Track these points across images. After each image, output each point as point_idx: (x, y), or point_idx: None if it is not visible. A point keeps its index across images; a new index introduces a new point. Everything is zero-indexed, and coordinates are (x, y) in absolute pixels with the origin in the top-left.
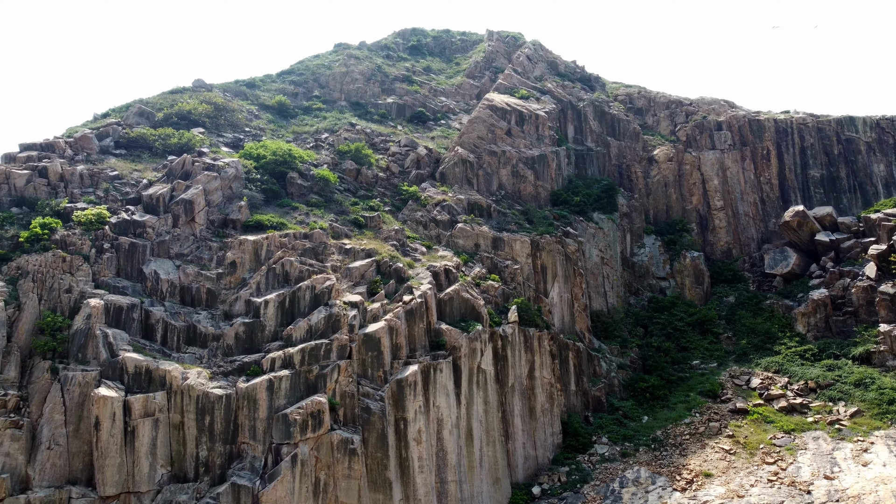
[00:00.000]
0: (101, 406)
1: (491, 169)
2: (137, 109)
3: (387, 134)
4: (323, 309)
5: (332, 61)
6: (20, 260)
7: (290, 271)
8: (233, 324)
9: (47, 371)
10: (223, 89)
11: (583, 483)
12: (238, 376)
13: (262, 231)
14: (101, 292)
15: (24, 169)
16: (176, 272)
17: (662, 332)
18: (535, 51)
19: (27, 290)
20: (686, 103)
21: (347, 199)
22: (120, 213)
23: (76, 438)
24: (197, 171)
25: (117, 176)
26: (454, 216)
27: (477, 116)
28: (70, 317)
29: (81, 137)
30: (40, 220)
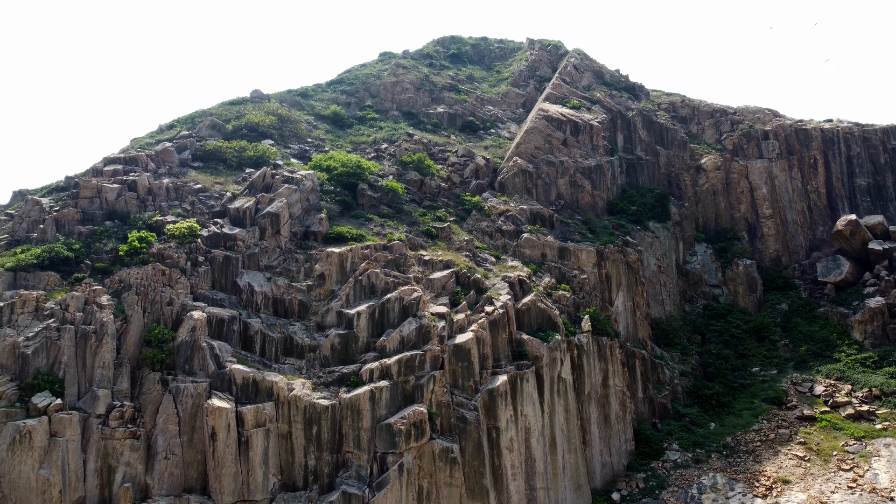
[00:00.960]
0: (217, 417)
1: (549, 179)
2: (210, 122)
3: (442, 144)
4: (413, 320)
5: (381, 71)
6: (121, 273)
7: (376, 283)
8: (328, 335)
9: (158, 382)
10: (279, 99)
11: (660, 489)
12: (338, 387)
13: (343, 243)
14: (201, 304)
15: (114, 183)
16: (267, 284)
17: (720, 339)
18: (580, 60)
19: (132, 303)
20: (730, 112)
21: (416, 210)
22: (209, 226)
23: (190, 448)
24: (277, 185)
25: (201, 189)
26: (518, 226)
27: (533, 127)
28: (173, 329)
29: (163, 151)
30: (136, 233)
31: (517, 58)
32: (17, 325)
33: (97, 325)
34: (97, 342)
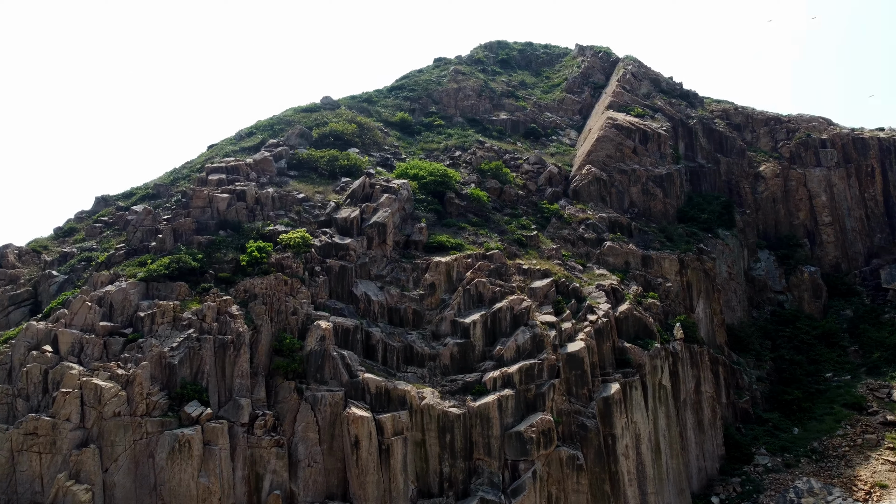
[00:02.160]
0: (359, 426)
1: (622, 187)
2: (298, 131)
3: (511, 151)
4: (526, 329)
5: (440, 77)
6: (246, 283)
7: (484, 292)
8: (446, 344)
9: (293, 391)
10: (346, 106)
11: (757, 493)
12: (463, 395)
13: (444, 252)
14: (324, 314)
15: (223, 193)
16: (381, 293)
17: (790, 345)
18: (637, 67)
19: (260, 313)
20: (785, 120)
21: (501, 218)
22: (319, 235)
23: (330, 456)
24: (377, 194)
25: (305, 198)
26: (599, 234)
27: (604, 135)
28: (299, 338)
29: (262, 160)
30: (253, 243)
31: (565, 63)
32: (159, 336)
33: (233, 335)
34: (235, 352)
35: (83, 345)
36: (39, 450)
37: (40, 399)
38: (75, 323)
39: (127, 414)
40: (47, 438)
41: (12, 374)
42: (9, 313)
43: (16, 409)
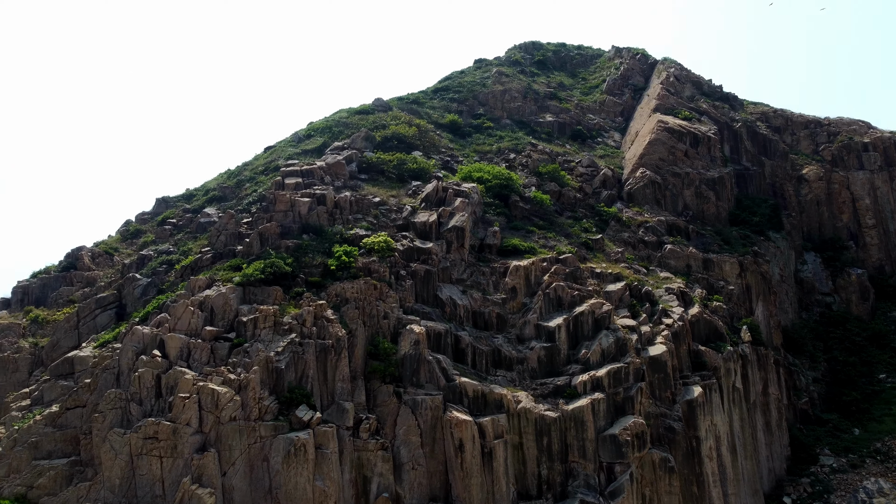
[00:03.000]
0: (463, 429)
1: (676, 190)
2: (364, 134)
3: (562, 153)
4: (609, 333)
5: (483, 78)
6: (336, 287)
7: (563, 296)
8: (533, 348)
9: (392, 395)
10: (397, 108)
11: (827, 493)
12: (554, 398)
13: (518, 255)
14: (414, 318)
15: (303, 197)
16: (465, 297)
17: (841, 346)
18: (679, 70)
19: (353, 317)
20: (825, 123)
21: (565, 222)
22: (400, 239)
23: (432, 459)
24: (450, 198)
25: (381, 202)
26: (659, 237)
27: (656, 138)
28: (392, 342)
29: (335, 164)
30: (340, 247)
31: (600, 65)
32: (262, 340)
33: (333, 340)
34: (336, 356)
35: (190, 349)
36: (160, 454)
37: (153, 403)
38: (179, 328)
39: (242, 418)
40: (168, 443)
41: (120, 379)
42: (95, 316)
43: (130, 414)
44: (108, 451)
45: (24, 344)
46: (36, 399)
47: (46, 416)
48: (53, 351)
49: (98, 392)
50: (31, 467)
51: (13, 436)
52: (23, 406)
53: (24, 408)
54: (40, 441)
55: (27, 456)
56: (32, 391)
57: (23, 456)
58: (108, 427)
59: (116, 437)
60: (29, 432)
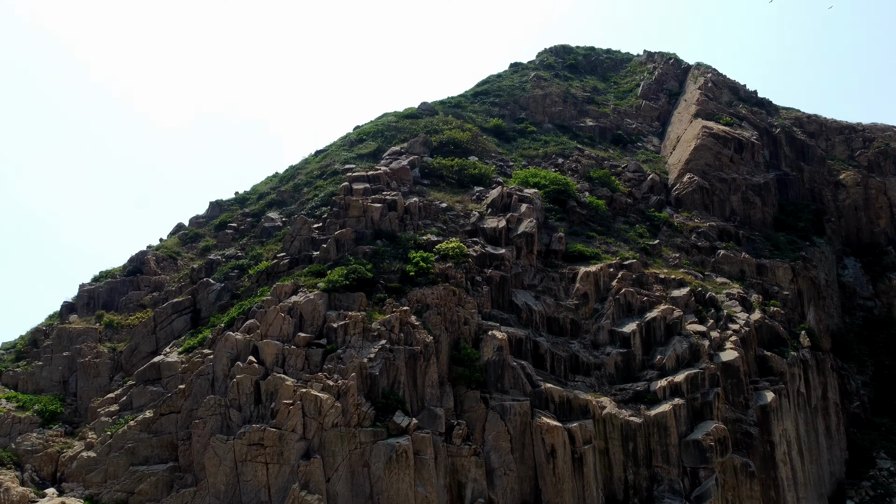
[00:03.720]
0: (555, 435)
1: (723, 195)
2: (422, 139)
3: (607, 158)
4: (682, 339)
5: (521, 82)
6: (416, 293)
7: (633, 302)
8: (609, 353)
9: (479, 400)
10: (442, 112)
11: (889, 497)
12: (635, 403)
13: (583, 261)
14: (493, 324)
15: (375, 202)
16: (538, 303)
17: (887, 350)
18: (715, 75)
19: (436, 323)
20: (859, 129)
21: (621, 227)
22: (471, 245)
23: (522, 464)
24: (515, 204)
25: (448, 208)
26: (711, 242)
27: (702, 144)
28: (473, 347)
29: (400, 169)
30: (415, 253)
31: (631, 69)
32: (352, 347)
33: (421, 346)
34: (425, 362)
35: (285, 356)
36: (266, 460)
37: (252, 410)
38: (271, 334)
39: (343, 424)
40: (274, 449)
41: (215, 385)
42: (172, 321)
43: (230, 420)
44: (211, 458)
45: (103, 349)
46: (124, 404)
47: (140, 421)
48: (133, 356)
49: (193, 398)
50: (130, 473)
51: (107, 441)
52: (111, 411)
53: (113, 413)
54: (136, 447)
55: (124, 462)
56: (119, 396)
57: (120, 462)
58: (208, 433)
59: (219, 444)
60: (124, 438)
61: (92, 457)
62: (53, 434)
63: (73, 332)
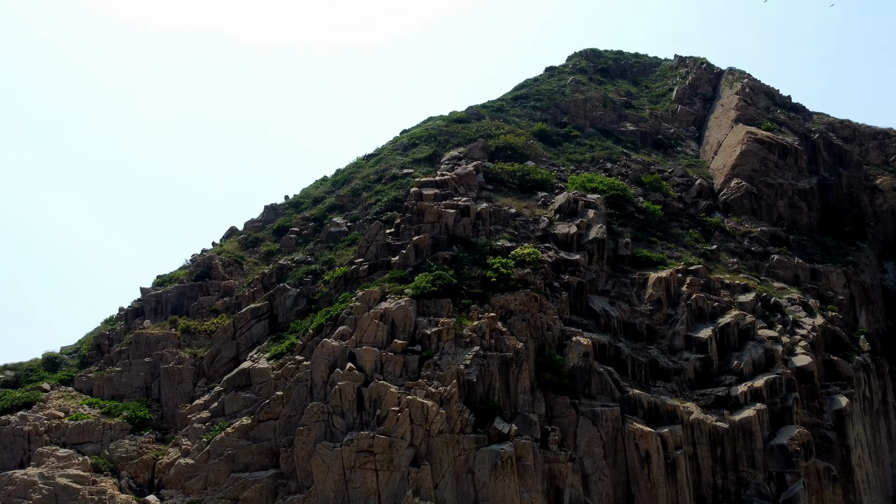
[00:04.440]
0: (649, 441)
1: (770, 200)
2: (482, 144)
3: (652, 163)
4: (757, 344)
5: (560, 86)
6: (500, 299)
7: (704, 308)
8: (688, 359)
9: (570, 406)
10: (488, 116)
11: None
12: (718, 409)
13: (650, 266)
14: (576, 330)
15: (448, 208)
16: (614, 309)
17: None
18: (752, 81)
19: (521, 329)
20: (892, 134)
21: (679, 232)
22: (544, 251)
23: (614, 469)
24: (581, 209)
25: (516, 213)
26: (764, 247)
27: (748, 149)
28: (557, 353)
29: (466, 175)
30: (493, 259)
31: (661, 73)
32: (446, 353)
33: (512, 352)
34: (517, 368)
35: (383, 362)
36: (375, 467)
37: (355, 416)
38: (366, 340)
39: (447, 431)
40: (384, 456)
41: (314, 391)
42: (251, 326)
43: (333, 427)
44: (319, 465)
45: (185, 354)
46: (215, 411)
47: (238, 428)
48: (214, 361)
49: (291, 404)
50: (232, 480)
51: (205, 448)
52: (203, 418)
53: (204, 419)
54: (236, 453)
55: (225, 468)
56: (208, 402)
57: (220, 469)
58: (313, 440)
59: (326, 451)
60: (222, 444)
61: (190, 463)
62: (145, 440)
63: (152, 338)
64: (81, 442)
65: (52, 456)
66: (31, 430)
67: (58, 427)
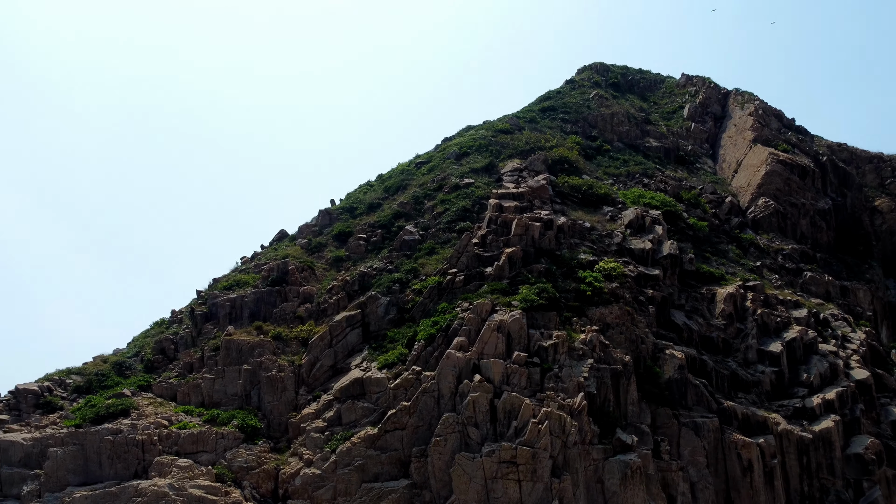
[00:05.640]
0: (751, 451)
1: (794, 219)
2: (541, 157)
3: (681, 178)
4: (821, 358)
5: (585, 100)
6: (597, 312)
7: (768, 322)
8: (764, 372)
9: (672, 417)
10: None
11: None
12: (797, 419)
13: (713, 282)
14: (666, 343)
15: (533, 221)
16: (693, 322)
17: None
18: (761, 103)
19: (620, 342)
20: (887, 159)
21: (725, 248)
22: (626, 266)
23: (716, 478)
24: (650, 224)
25: (591, 228)
26: (797, 264)
27: (772, 170)
28: (653, 365)
29: (540, 188)
30: (584, 272)
31: (666, 90)
32: (565, 365)
33: (620, 364)
34: (626, 380)
35: (509, 374)
36: (518, 477)
37: (488, 427)
38: (486, 352)
39: (579, 442)
40: (527, 467)
41: (441, 402)
42: (346, 335)
43: (468, 438)
44: (460, 475)
45: (283, 362)
46: (331, 420)
47: (364, 438)
48: (313, 369)
49: (418, 415)
50: (365, 490)
51: (330, 458)
52: (319, 427)
53: (321, 429)
54: (365, 463)
55: (356, 478)
56: (319, 411)
57: (351, 478)
58: (449, 451)
59: (466, 462)
60: (350, 454)
61: (317, 473)
62: (261, 450)
63: (244, 345)
64: (195, 451)
65: (173, 466)
66: (144, 440)
67: (168, 436)
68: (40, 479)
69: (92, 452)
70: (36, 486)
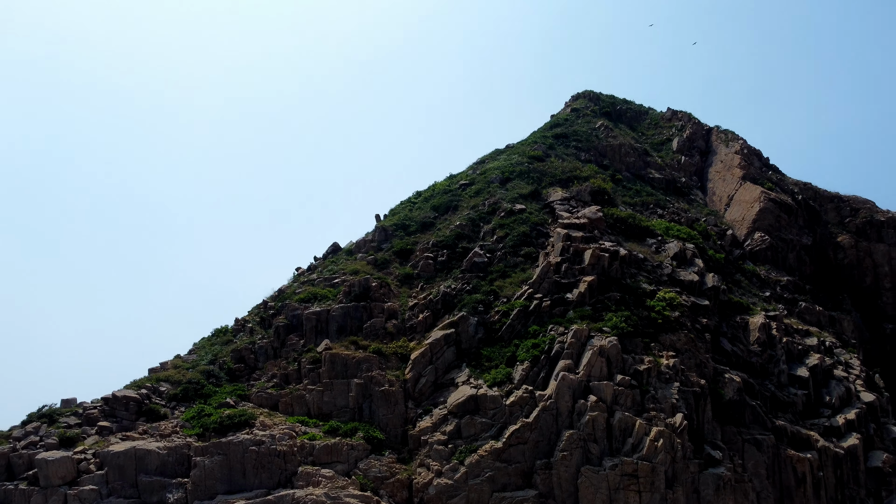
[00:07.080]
0: (803, 465)
1: (783, 253)
2: (587, 188)
3: (685, 210)
4: (838, 382)
5: (593, 129)
6: (667, 339)
7: (792, 349)
8: (796, 394)
9: (736, 434)
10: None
11: None
12: (828, 437)
13: (742, 310)
14: (723, 368)
15: (602, 251)
16: (733, 346)
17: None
18: (745, 141)
19: (691, 367)
20: (845, 199)
21: (738, 278)
22: (680, 296)
23: (774, 489)
24: (689, 256)
25: (644, 259)
26: (792, 294)
27: (765, 207)
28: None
29: (596, 219)
30: (651, 301)
31: (652, 121)
32: (657, 388)
33: (698, 387)
34: (703, 401)
35: (616, 395)
36: (639, 489)
37: (605, 443)
38: (593, 374)
39: (682, 458)
40: (646, 480)
41: (559, 420)
42: (444, 352)
43: (589, 453)
44: (587, 486)
45: (391, 377)
46: (451, 434)
47: (491, 451)
48: (417, 384)
49: (539, 430)
50: (497, 499)
51: (460, 469)
52: (440, 440)
53: (443, 441)
54: (495, 474)
55: (487, 488)
56: (436, 425)
57: (483, 488)
58: (574, 464)
59: (592, 474)
60: (479, 466)
61: (449, 483)
62: (389, 460)
63: (350, 360)
64: (329, 462)
65: (319, 476)
66: (286, 450)
67: (302, 447)
68: (186, 487)
69: (235, 462)
70: (182, 494)
